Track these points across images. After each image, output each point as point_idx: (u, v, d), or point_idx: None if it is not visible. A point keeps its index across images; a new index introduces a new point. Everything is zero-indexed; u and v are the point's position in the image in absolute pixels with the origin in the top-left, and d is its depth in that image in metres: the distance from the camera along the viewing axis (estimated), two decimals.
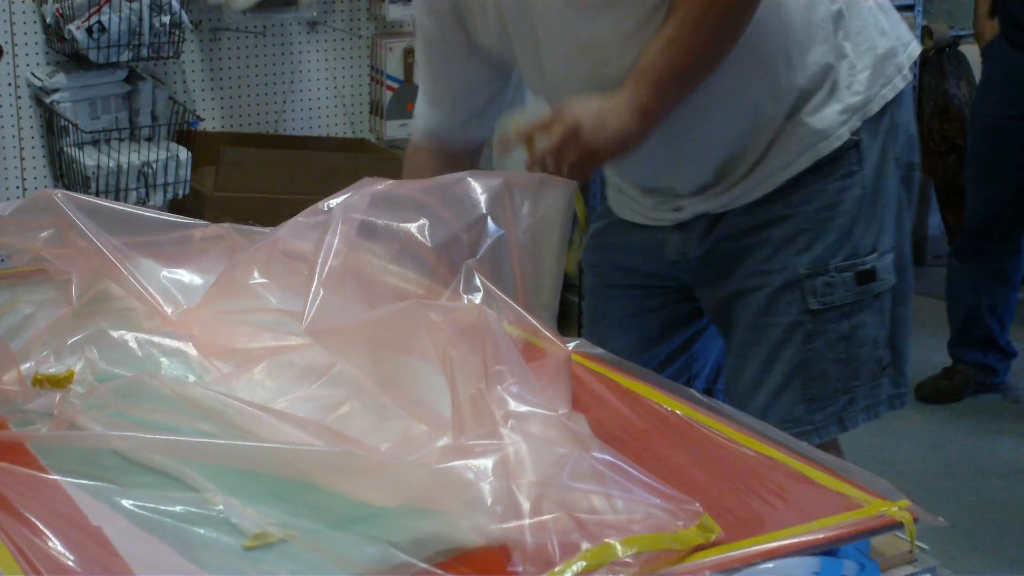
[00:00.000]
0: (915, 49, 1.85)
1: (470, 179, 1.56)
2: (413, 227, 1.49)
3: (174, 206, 3.56)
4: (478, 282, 1.43)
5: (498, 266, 1.52)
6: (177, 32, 3.48)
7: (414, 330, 1.27)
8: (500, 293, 1.43)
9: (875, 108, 1.79)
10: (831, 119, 1.77)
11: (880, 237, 1.82)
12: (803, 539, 1.07)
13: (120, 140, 3.56)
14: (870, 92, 1.79)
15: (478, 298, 1.42)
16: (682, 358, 2.04)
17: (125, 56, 3.44)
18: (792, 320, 1.79)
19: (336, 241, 1.38)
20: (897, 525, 1.11)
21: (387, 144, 4.05)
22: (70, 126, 3.50)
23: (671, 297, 1.98)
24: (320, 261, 1.35)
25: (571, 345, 1.49)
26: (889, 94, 1.80)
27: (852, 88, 1.78)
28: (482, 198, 1.53)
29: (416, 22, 1.94)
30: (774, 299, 1.80)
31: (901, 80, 1.82)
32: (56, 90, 3.51)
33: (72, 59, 3.54)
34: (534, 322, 1.44)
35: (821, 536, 1.08)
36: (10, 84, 3.60)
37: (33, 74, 3.57)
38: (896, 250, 1.84)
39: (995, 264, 3.94)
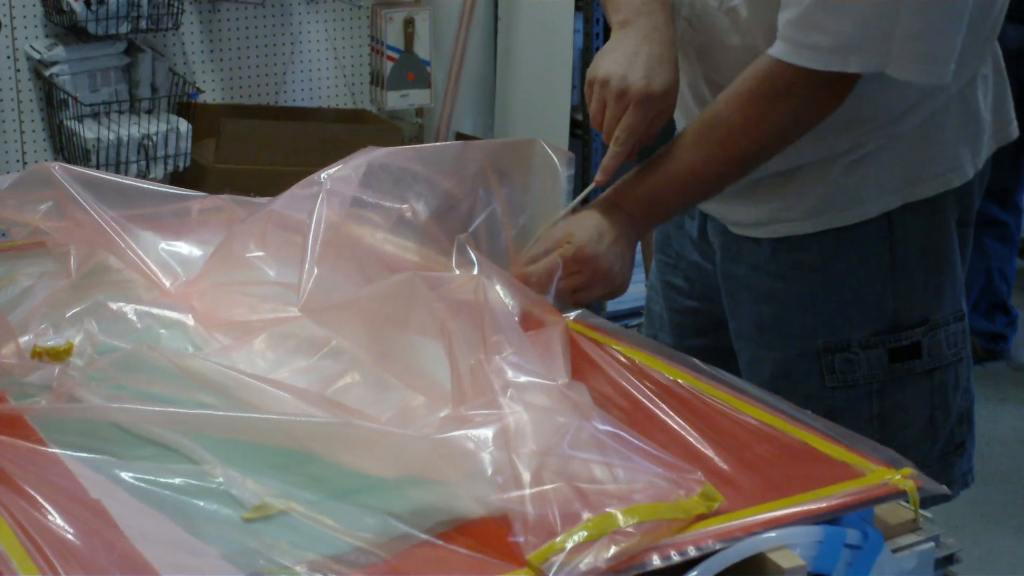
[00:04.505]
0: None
1: (464, 148, 1.55)
2: (409, 196, 1.48)
3: (175, 179, 3.55)
4: (472, 256, 1.42)
5: (494, 237, 1.51)
6: (176, 3, 3.46)
7: (411, 304, 1.27)
8: (494, 265, 1.43)
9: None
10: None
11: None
12: (806, 508, 1.07)
13: (120, 113, 3.55)
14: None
15: (473, 271, 1.41)
16: None
17: (124, 28, 3.41)
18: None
19: (330, 213, 1.37)
20: (901, 494, 1.10)
21: (388, 115, 4.04)
22: (69, 99, 3.48)
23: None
24: (312, 235, 1.34)
25: (572, 315, 1.48)
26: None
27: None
28: (474, 168, 1.52)
29: None
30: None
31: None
32: (55, 63, 3.49)
33: (71, 31, 3.52)
34: (528, 293, 1.43)
35: (824, 505, 1.07)
36: (9, 57, 3.59)
37: (32, 47, 3.55)
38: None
39: (999, 227, 3.94)
